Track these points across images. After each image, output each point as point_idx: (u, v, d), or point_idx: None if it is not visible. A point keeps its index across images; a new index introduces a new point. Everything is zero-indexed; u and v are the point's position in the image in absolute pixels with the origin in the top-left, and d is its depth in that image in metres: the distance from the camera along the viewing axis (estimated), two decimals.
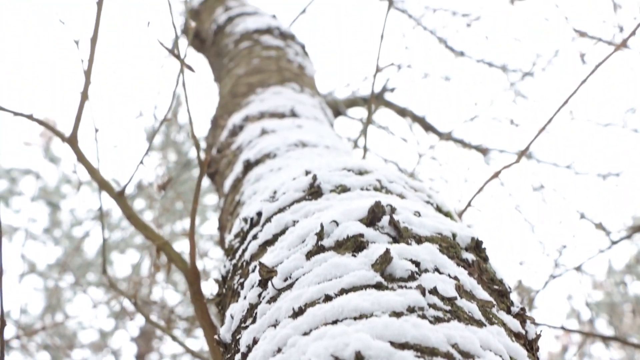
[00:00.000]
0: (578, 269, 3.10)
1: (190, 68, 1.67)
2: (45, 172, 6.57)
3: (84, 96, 1.79)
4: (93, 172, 1.77)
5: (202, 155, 1.58)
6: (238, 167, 1.97)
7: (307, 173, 1.44)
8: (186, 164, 5.36)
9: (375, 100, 4.22)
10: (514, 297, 1.14)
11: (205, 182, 2.96)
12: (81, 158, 1.79)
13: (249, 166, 1.94)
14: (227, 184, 2.00)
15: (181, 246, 6.12)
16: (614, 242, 2.78)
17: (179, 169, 5.31)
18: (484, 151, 5.08)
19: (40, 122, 1.82)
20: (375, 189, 1.37)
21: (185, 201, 4.90)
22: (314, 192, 1.37)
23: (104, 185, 1.75)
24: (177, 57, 1.66)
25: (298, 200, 1.36)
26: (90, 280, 6.36)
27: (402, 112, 5.16)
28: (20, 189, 6.56)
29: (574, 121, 3.59)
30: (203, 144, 2.47)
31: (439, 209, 1.42)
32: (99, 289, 6.40)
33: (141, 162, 1.75)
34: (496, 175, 1.62)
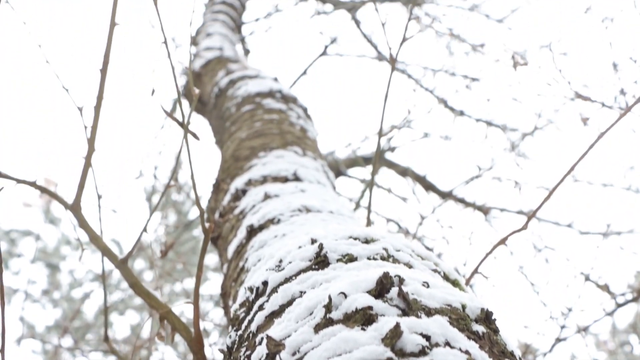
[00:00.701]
0: (584, 330, 3.07)
1: (194, 135, 1.67)
2: (44, 233, 6.55)
3: (87, 163, 1.78)
4: (95, 239, 1.76)
5: (207, 224, 1.57)
6: (241, 233, 1.96)
7: (312, 242, 1.43)
8: (187, 225, 5.36)
9: (377, 161, 4.22)
10: None
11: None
12: (84, 225, 1.78)
13: (252, 232, 1.93)
14: (231, 249, 1.98)
15: (181, 308, 6.07)
16: (619, 305, 2.75)
17: (180, 229, 5.30)
18: (485, 210, 5.08)
19: (43, 190, 1.81)
20: (382, 258, 1.36)
21: (185, 262, 4.87)
22: (320, 261, 1.36)
23: (106, 252, 1.74)
24: (181, 124, 1.65)
25: (304, 270, 1.35)
26: (90, 341, 6.30)
27: (403, 171, 5.17)
28: (19, 251, 6.53)
29: (576, 183, 3.60)
30: (205, 208, 2.45)
31: (446, 277, 1.40)
32: (99, 351, 6.34)
33: (144, 230, 1.73)
34: (502, 242, 1.61)
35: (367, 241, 1.42)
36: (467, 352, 1.09)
